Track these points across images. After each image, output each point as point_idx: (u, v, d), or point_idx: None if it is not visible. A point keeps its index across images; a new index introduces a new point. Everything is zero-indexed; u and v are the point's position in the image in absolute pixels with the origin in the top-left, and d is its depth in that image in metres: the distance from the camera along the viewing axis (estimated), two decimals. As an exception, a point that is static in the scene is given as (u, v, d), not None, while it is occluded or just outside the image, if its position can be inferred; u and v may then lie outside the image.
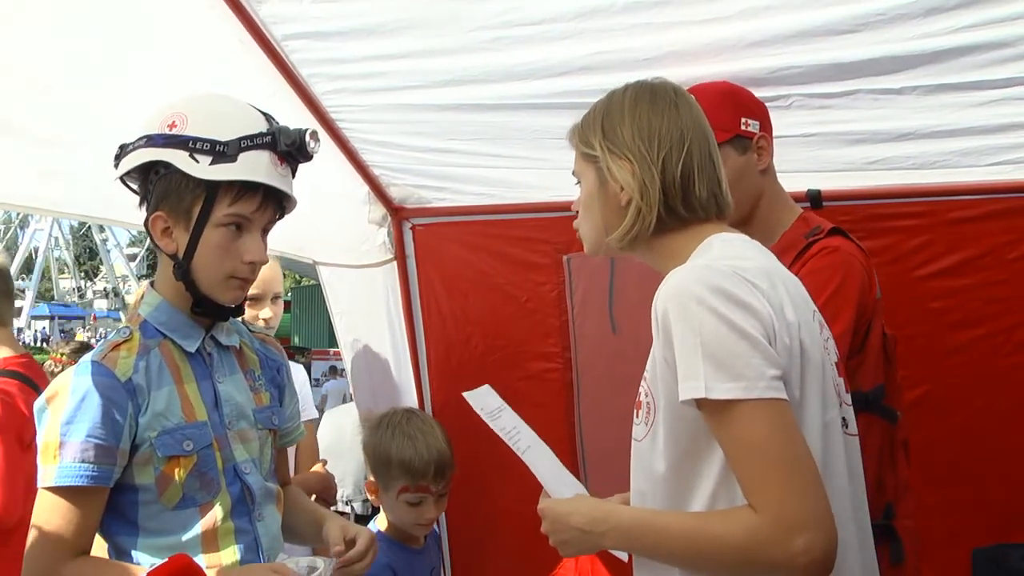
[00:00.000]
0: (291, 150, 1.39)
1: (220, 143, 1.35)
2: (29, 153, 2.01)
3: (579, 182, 1.35)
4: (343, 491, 3.86)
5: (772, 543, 1.04)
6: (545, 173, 2.37)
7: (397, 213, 2.72)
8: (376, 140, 2.36)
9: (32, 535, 1.31)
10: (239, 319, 1.62)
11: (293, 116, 1.98)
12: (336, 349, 3.46)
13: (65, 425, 1.30)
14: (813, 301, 1.26)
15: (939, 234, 2.18)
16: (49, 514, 1.31)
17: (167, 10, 1.79)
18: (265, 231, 1.46)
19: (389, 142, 2.36)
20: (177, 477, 1.36)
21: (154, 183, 1.38)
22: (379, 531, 2.05)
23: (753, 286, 1.11)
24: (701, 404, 1.09)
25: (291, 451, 2.37)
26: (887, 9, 1.64)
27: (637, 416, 1.23)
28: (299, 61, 1.98)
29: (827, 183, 2.18)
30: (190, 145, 1.34)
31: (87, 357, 1.36)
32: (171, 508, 1.37)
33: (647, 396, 1.20)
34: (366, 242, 2.77)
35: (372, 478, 2.07)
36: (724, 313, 1.08)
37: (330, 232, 2.75)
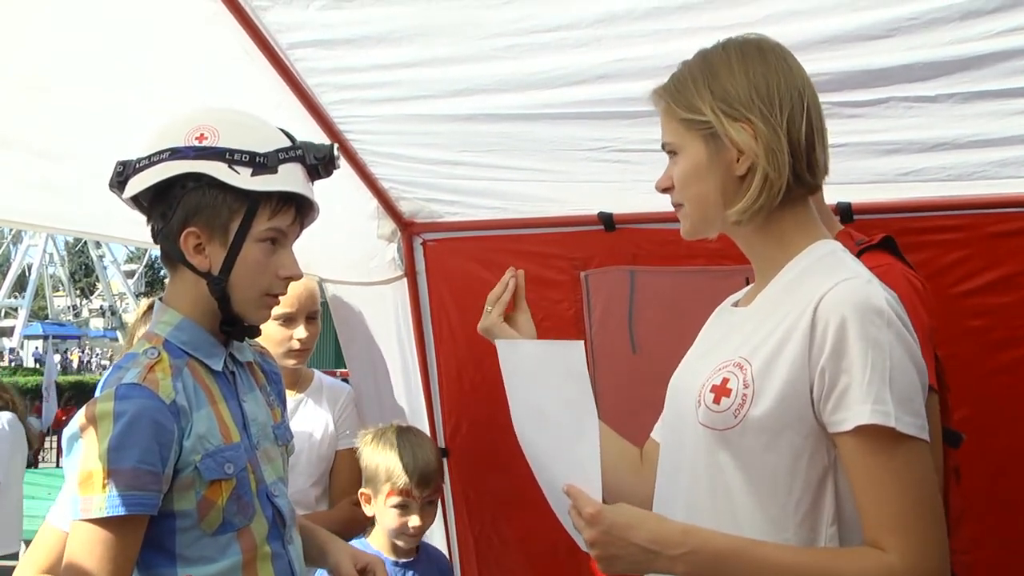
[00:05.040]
0: (319, 164, 1.39)
1: (259, 154, 1.33)
2: (25, 168, 2.02)
3: (673, 153, 1.24)
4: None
5: None
6: (562, 186, 2.36)
7: (407, 228, 2.69)
8: (385, 152, 2.34)
9: (75, 571, 1.23)
10: None
11: (299, 127, 1.96)
12: (344, 370, 3.41)
13: (114, 452, 1.24)
14: None
15: (978, 249, 2.11)
16: (93, 547, 1.23)
17: (170, 19, 1.78)
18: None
19: (399, 154, 2.34)
20: (219, 501, 1.33)
21: (180, 198, 1.34)
22: (365, 540, 2.20)
23: None
24: (862, 431, 1.03)
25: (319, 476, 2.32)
26: (921, 13, 1.60)
27: (718, 403, 1.14)
28: (305, 70, 1.97)
29: (858, 196, 2.12)
30: (227, 156, 1.31)
31: (125, 378, 1.29)
32: (211, 533, 1.33)
33: (746, 388, 1.11)
34: (375, 258, 2.74)
35: (366, 488, 2.19)
36: (910, 345, 1.05)
37: (337, 248, 2.71)
